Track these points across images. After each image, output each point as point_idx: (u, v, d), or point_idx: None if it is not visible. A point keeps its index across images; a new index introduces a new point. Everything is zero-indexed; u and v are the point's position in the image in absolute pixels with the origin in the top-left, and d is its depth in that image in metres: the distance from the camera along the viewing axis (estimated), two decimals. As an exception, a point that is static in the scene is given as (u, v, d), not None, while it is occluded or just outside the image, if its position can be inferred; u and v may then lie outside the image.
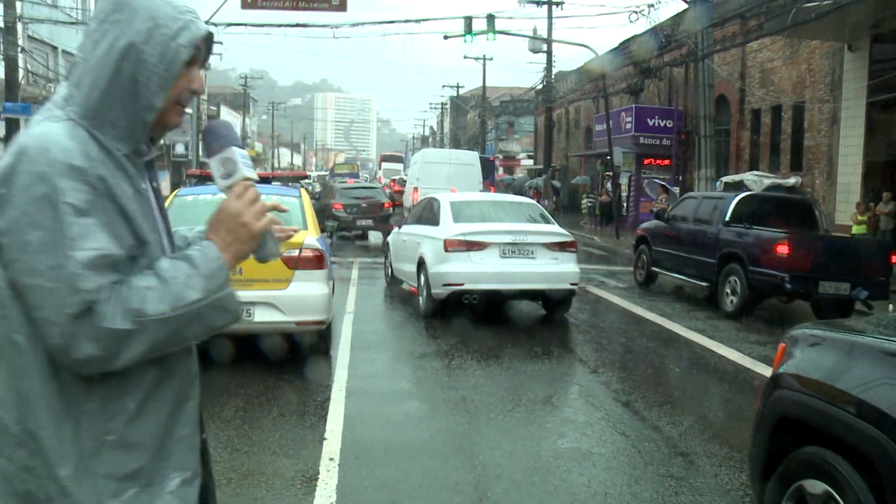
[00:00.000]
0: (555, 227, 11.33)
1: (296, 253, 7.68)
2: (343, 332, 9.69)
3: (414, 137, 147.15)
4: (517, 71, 70.71)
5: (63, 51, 42.30)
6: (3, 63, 24.69)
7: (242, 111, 76.42)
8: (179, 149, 62.76)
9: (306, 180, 10.28)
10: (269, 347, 8.24)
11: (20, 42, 31.33)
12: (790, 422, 3.57)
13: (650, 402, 7.13)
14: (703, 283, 13.19)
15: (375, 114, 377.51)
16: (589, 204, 35.58)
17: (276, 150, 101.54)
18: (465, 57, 62.68)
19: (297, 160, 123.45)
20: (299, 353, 8.40)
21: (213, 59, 66.38)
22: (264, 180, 9.60)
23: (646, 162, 32.27)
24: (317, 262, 7.83)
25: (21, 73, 31.51)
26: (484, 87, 66.60)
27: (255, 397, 6.88)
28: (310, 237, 7.94)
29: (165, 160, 62.78)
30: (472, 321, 10.61)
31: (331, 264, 8.27)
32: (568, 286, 10.74)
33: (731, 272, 12.10)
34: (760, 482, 3.73)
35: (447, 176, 26.57)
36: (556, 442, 5.97)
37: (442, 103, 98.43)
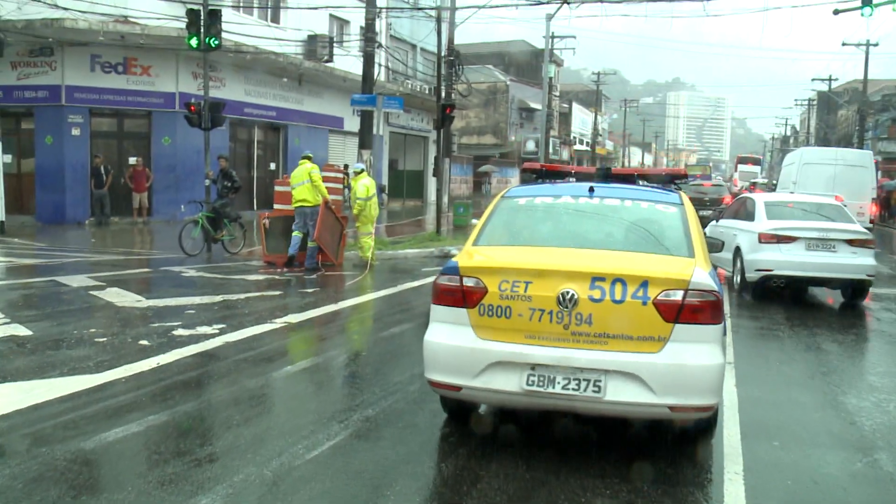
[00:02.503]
0: (855, 226, 12.71)
1: (677, 296, 4.82)
2: (725, 399, 6.65)
3: (774, 137, 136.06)
4: (909, 60, 61.12)
5: (421, 48, 42.96)
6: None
7: (594, 109, 74.52)
8: (530, 146, 62.31)
9: (683, 181, 7.13)
10: (622, 435, 5.50)
11: (382, 40, 31.79)
12: None
13: None
14: None
15: (730, 112, 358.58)
16: None
17: (626, 150, 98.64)
18: (844, 44, 55.63)
19: (648, 160, 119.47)
20: (664, 445, 5.55)
21: (566, 56, 65.26)
22: (626, 178, 6.82)
23: None
24: (710, 311, 4.90)
25: (380, 69, 32.07)
26: (865, 76, 58.23)
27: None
28: (700, 271, 5.03)
29: (516, 157, 62.72)
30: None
31: (726, 315, 5.25)
32: (864, 276, 12.18)
33: None
34: None
35: (831, 179, 22.57)
36: None
37: (809, 99, 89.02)
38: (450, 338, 5.11)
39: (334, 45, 31.28)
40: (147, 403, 6.12)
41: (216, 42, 18.09)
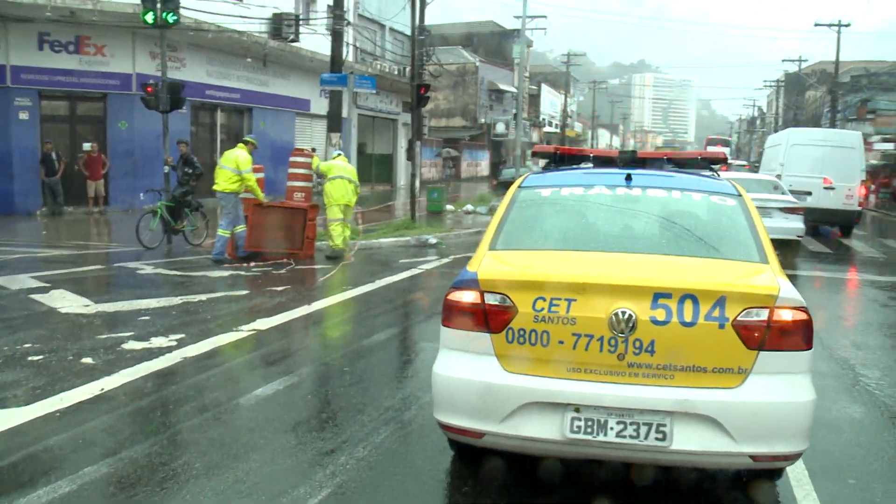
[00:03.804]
0: (787, 197, 16.59)
1: (762, 316, 3.76)
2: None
3: (741, 119, 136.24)
4: (879, 39, 60.99)
5: (390, 28, 41.59)
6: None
7: (563, 90, 73.48)
8: (500, 128, 61.14)
9: (719, 166, 5.91)
10: (679, 481, 4.46)
11: (350, 18, 30.41)
12: None
13: None
14: None
15: (695, 94, 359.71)
16: None
17: (595, 131, 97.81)
18: (817, 24, 55.74)
19: (616, 142, 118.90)
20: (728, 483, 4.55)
21: (536, 36, 64.19)
22: (654, 164, 5.70)
23: None
24: (802, 333, 3.86)
25: (349, 49, 30.72)
26: (837, 57, 58.04)
27: None
28: (784, 282, 3.97)
29: (486, 139, 61.52)
30: None
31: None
32: (795, 237, 16.14)
33: None
34: None
35: (819, 160, 21.85)
36: None
37: (777, 80, 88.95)
38: (468, 371, 3.99)
39: (300, 23, 29.84)
40: (84, 448, 4.95)
41: (174, 18, 16.79)
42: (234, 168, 13.35)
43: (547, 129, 76.75)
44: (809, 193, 21.22)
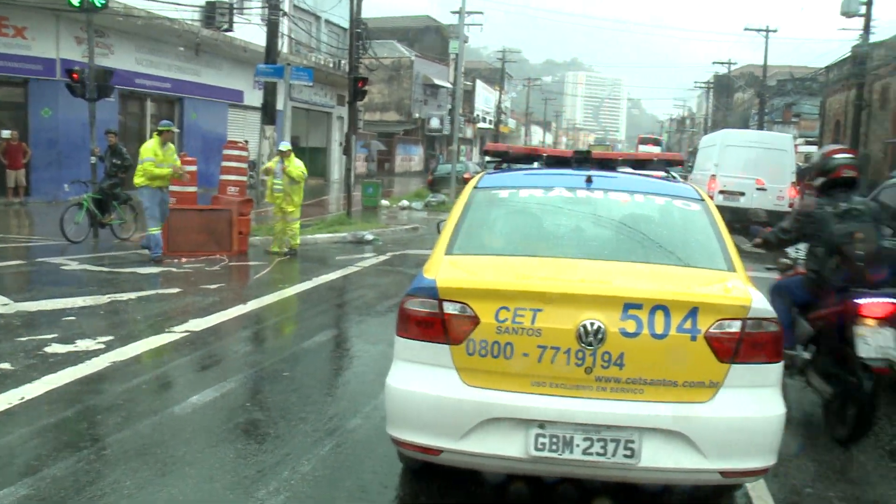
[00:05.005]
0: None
1: (734, 327, 3.62)
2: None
3: (672, 118, 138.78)
4: (802, 47, 62.80)
5: (326, 20, 41.00)
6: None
7: (499, 87, 73.63)
8: (434, 123, 60.95)
9: (679, 168, 5.77)
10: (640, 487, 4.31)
11: (285, 9, 29.84)
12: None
13: None
14: None
15: (626, 93, 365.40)
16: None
17: (528, 128, 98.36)
18: (747, 28, 57.52)
19: (549, 139, 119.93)
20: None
21: (472, 32, 64.46)
22: (607, 164, 5.50)
23: None
24: (773, 345, 3.73)
25: (284, 40, 30.13)
26: (765, 61, 59.75)
27: None
28: (755, 292, 3.83)
29: (420, 134, 61.25)
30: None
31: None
32: None
33: None
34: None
35: (752, 162, 22.23)
36: None
37: (707, 82, 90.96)
38: (425, 384, 3.74)
39: (234, 12, 29.13)
40: (0, 466, 4.55)
41: (102, 2, 16.15)
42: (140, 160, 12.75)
43: (481, 124, 76.85)
44: (742, 194, 21.56)
